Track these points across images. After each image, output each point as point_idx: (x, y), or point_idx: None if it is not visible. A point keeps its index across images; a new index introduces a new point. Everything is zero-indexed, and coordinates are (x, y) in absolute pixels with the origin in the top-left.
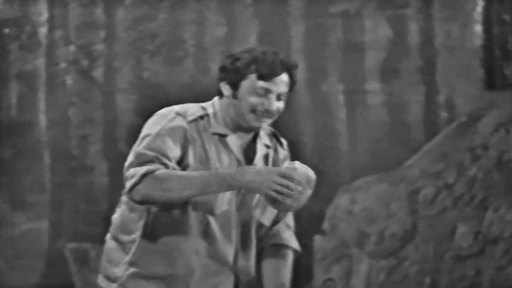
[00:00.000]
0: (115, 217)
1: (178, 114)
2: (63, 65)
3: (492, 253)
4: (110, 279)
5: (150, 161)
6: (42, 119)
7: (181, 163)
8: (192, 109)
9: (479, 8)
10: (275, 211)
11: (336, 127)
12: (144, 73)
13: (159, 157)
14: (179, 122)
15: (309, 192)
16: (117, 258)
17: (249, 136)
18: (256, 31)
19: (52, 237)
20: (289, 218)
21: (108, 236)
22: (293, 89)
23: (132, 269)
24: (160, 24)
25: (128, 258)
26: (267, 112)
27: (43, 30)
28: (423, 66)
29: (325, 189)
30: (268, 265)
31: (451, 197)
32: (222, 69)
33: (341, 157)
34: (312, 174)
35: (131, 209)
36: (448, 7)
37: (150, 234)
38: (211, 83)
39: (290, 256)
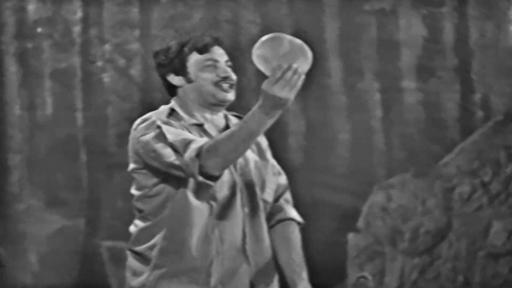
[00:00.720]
0: (132, 229)
1: (151, 116)
2: (99, 63)
3: None
4: None
5: (188, 142)
6: (79, 117)
7: None
8: (159, 111)
9: None
10: (274, 186)
11: (372, 125)
12: None
13: (189, 136)
14: (163, 118)
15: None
16: (139, 269)
17: (221, 120)
18: (291, 30)
19: (87, 235)
20: (287, 194)
21: (128, 252)
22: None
23: (155, 272)
24: (196, 23)
25: (150, 264)
26: (227, 79)
27: (77, 29)
28: (458, 64)
29: (360, 187)
30: (281, 242)
31: (487, 195)
32: (159, 66)
33: (377, 154)
34: (283, 44)
35: (143, 219)
36: (483, 6)
37: (164, 236)
38: (248, 83)
39: (297, 230)
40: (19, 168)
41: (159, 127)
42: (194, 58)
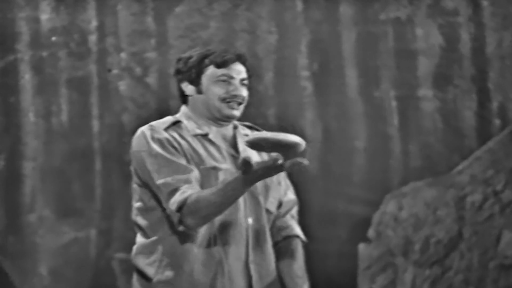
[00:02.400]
0: (134, 248)
1: (151, 125)
2: (115, 71)
3: None
4: None
5: (174, 189)
6: (95, 125)
7: None
8: (164, 119)
9: None
10: (277, 196)
11: (389, 133)
12: None
13: (177, 178)
14: (158, 134)
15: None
16: (144, 285)
17: (229, 130)
18: (307, 39)
19: (100, 247)
20: (294, 210)
21: (134, 271)
22: (251, 78)
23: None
24: (212, 33)
25: (153, 282)
26: (236, 97)
27: (92, 38)
28: (475, 73)
29: (375, 195)
30: (284, 256)
31: (499, 204)
32: (177, 72)
33: (393, 162)
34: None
35: (143, 235)
36: (498, 16)
37: (164, 252)
38: (265, 90)
39: (301, 246)
40: (32, 177)
41: (150, 151)
42: (211, 71)
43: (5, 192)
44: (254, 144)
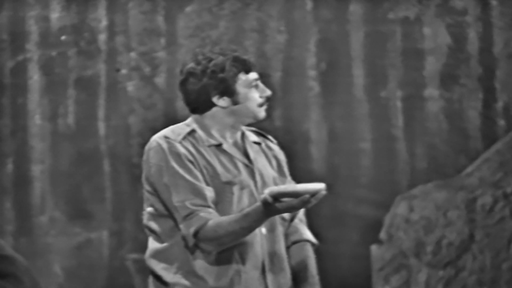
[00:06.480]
0: (147, 253)
1: (166, 137)
2: (124, 71)
3: None
4: None
5: (190, 212)
6: (102, 126)
7: None
8: (177, 128)
9: None
10: None
11: (394, 134)
12: None
13: (194, 202)
14: (174, 148)
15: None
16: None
17: (238, 137)
18: (316, 38)
19: (112, 247)
20: (301, 213)
21: (150, 275)
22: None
23: None
24: (222, 32)
25: (171, 283)
26: (268, 98)
27: (102, 37)
28: (482, 73)
29: (382, 197)
30: (296, 262)
31: (509, 207)
32: (205, 87)
33: (398, 164)
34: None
35: (158, 239)
36: (507, 15)
37: (181, 258)
38: (273, 90)
39: (312, 250)
40: (40, 180)
41: (168, 167)
42: (243, 79)
43: (14, 195)
44: (275, 198)
